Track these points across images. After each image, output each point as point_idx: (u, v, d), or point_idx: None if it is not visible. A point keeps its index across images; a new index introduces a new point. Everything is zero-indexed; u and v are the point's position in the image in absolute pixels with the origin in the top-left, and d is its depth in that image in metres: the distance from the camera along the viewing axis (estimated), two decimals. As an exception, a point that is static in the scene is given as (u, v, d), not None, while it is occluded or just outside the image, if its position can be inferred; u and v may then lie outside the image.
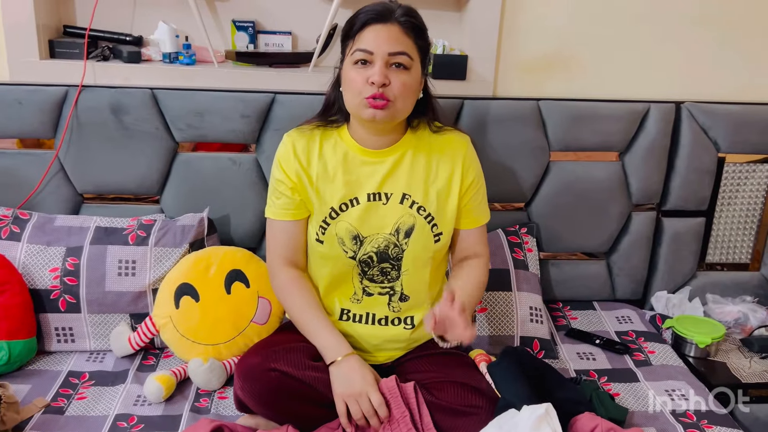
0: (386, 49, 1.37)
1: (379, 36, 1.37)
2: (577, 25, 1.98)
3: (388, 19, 1.38)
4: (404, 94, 1.40)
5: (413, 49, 1.40)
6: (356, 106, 1.41)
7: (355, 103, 1.41)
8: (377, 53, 1.37)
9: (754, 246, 2.16)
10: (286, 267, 1.54)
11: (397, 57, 1.38)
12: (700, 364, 1.83)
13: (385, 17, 1.38)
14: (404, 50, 1.38)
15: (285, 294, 1.55)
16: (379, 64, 1.37)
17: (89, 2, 1.85)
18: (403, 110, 1.43)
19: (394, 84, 1.38)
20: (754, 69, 2.07)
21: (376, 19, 1.37)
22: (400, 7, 1.40)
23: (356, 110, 1.42)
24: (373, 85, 1.36)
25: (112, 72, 1.85)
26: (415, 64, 1.41)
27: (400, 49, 1.37)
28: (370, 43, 1.37)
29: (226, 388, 1.63)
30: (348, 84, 1.41)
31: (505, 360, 1.51)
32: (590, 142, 1.98)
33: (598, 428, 1.38)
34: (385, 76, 1.36)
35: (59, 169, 1.86)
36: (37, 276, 1.70)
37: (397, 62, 1.38)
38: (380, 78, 1.36)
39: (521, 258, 1.92)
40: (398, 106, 1.40)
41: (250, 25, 1.93)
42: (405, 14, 1.39)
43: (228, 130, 1.85)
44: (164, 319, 1.68)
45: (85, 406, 1.54)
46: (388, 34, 1.37)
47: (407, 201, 1.50)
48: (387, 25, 1.37)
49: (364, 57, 1.38)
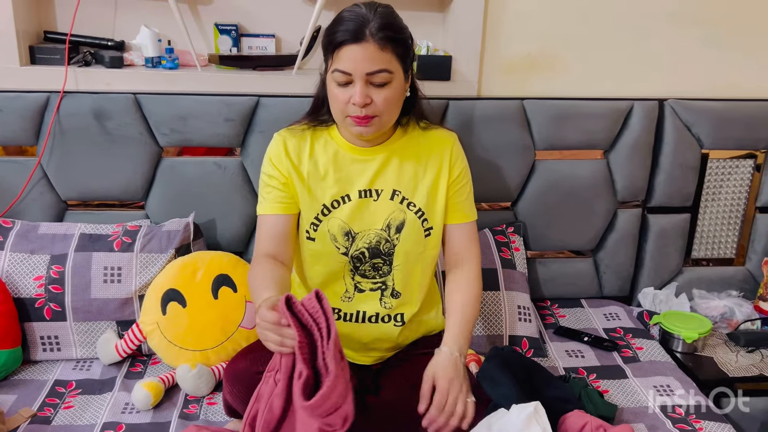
0: (364, 70, 1.34)
1: (355, 58, 1.34)
2: (560, 24, 1.99)
3: (363, 38, 1.33)
4: (388, 108, 1.39)
5: (392, 62, 1.37)
6: (342, 121, 1.42)
7: (340, 119, 1.41)
8: (355, 74, 1.34)
9: (738, 241, 2.18)
10: (266, 257, 1.48)
11: (375, 76, 1.35)
12: (688, 359, 1.85)
13: (359, 36, 1.33)
14: (382, 68, 1.35)
15: (251, 270, 1.46)
16: (359, 84, 1.35)
17: (70, 7, 1.83)
18: (388, 121, 1.43)
19: (377, 101, 1.37)
20: (735, 66, 2.09)
21: (351, 39, 1.34)
22: (376, 15, 1.36)
23: (343, 125, 1.44)
24: (355, 105, 1.36)
25: (94, 77, 1.83)
26: (396, 74, 1.38)
27: (378, 68, 1.35)
28: (348, 64, 1.34)
29: (215, 394, 1.62)
30: (332, 99, 1.41)
31: (492, 361, 1.51)
32: (575, 140, 1.99)
33: (587, 426, 1.38)
34: (366, 96, 1.35)
35: (42, 176, 1.84)
36: (21, 284, 1.68)
37: (377, 81, 1.36)
38: (361, 99, 1.35)
39: (509, 257, 1.93)
40: (384, 119, 1.40)
41: (233, 29, 1.92)
42: (380, 28, 1.34)
43: (212, 134, 1.85)
44: (151, 325, 1.67)
45: (72, 415, 1.53)
46: (363, 54, 1.34)
47: (397, 197, 1.51)
48: (362, 44, 1.33)
49: (344, 79, 1.36)
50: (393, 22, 1.38)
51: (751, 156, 2.09)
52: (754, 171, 2.11)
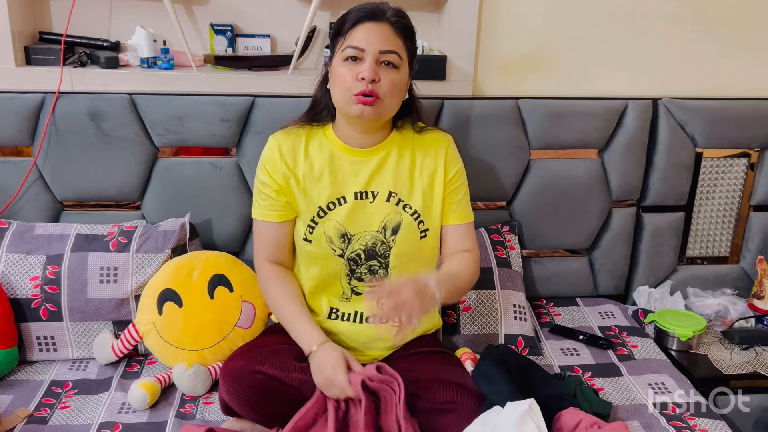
0: (377, 47, 1.39)
1: (370, 33, 1.39)
2: (555, 24, 2.00)
3: (380, 18, 1.40)
4: (392, 92, 1.42)
5: (403, 50, 1.43)
6: (345, 102, 1.42)
7: (344, 99, 1.42)
8: (368, 50, 1.39)
9: (732, 239, 2.19)
10: (271, 264, 1.56)
11: (387, 55, 1.40)
12: (683, 357, 1.85)
13: (377, 16, 1.40)
14: (395, 49, 1.41)
15: (267, 287, 1.57)
16: (370, 60, 1.39)
17: (65, 8, 1.83)
18: (390, 109, 1.46)
19: (384, 81, 1.40)
20: (729, 65, 2.10)
21: (368, 17, 1.40)
22: (391, 8, 1.43)
23: (344, 106, 1.44)
24: (362, 81, 1.38)
25: (89, 78, 1.83)
26: (404, 64, 1.44)
27: (391, 48, 1.40)
28: (362, 40, 1.39)
29: (212, 394, 1.62)
30: (337, 80, 1.43)
31: (487, 359, 1.52)
32: (570, 139, 2.00)
33: (582, 423, 1.39)
34: (375, 73, 1.39)
35: (38, 177, 1.84)
36: (18, 285, 1.68)
37: (387, 60, 1.40)
38: (370, 74, 1.38)
39: (504, 256, 1.93)
40: (386, 104, 1.43)
41: (228, 29, 1.92)
42: (396, 15, 1.42)
43: (208, 135, 1.85)
44: (147, 325, 1.67)
45: (68, 415, 1.53)
46: (379, 32, 1.39)
47: (393, 199, 1.52)
48: (379, 23, 1.40)
49: (355, 54, 1.40)
50: (407, 17, 1.46)
51: (744, 155, 2.10)
52: (748, 170, 2.12)
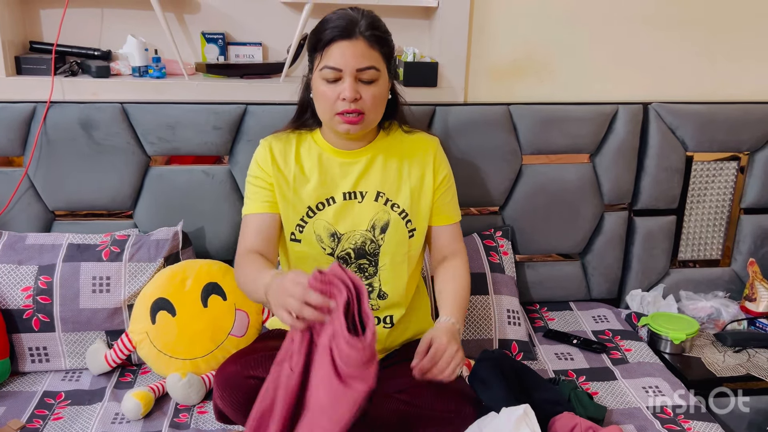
0: (354, 65, 1.39)
1: (346, 53, 1.38)
2: (545, 29, 2.01)
3: (353, 35, 1.39)
4: (375, 105, 1.44)
5: (379, 60, 1.42)
6: (330, 119, 1.44)
7: (328, 116, 1.44)
8: (346, 70, 1.39)
9: (724, 242, 2.20)
10: (254, 253, 1.46)
11: (365, 73, 1.40)
12: (676, 360, 1.86)
13: (349, 32, 1.38)
14: (371, 64, 1.40)
15: (238, 269, 1.46)
16: (349, 80, 1.39)
17: (56, 17, 1.83)
18: (375, 119, 1.48)
19: (365, 97, 1.41)
20: (718, 69, 2.12)
21: (342, 35, 1.38)
22: (364, 16, 1.41)
23: (330, 123, 1.46)
24: (344, 101, 1.39)
25: (80, 87, 1.83)
26: (383, 73, 1.44)
27: (368, 65, 1.40)
28: (338, 60, 1.39)
29: (206, 403, 1.61)
30: (319, 97, 1.44)
31: (482, 364, 1.52)
32: (561, 144, 2.01)
33: (577, 428, 1.39)
34: (355, 91, 1.39)
35: (29, 187, 1.83)
36: (9, 296, 1.67)
37: (366, 78, 1.40)
38: (351, 94, 1.39)
39: (497, 261, 1.94)
40: (371, 117, 1.45)
41: (219, 37, 1.92)
42: (369, 28, 1.40)
43: (200, 143, 1.85)
44: (141, 335, 1.66)
45: (61, 426, 1.52)
46: (354, 50, 1.38)
47: (381, 198, 1.53)
48: (352, 40, 1.39)
49: (333, 75, 1.40)
50: (380, 23, 1.44)
51: (734, 158, 2.12)
52: (738, 173, 2.13)
